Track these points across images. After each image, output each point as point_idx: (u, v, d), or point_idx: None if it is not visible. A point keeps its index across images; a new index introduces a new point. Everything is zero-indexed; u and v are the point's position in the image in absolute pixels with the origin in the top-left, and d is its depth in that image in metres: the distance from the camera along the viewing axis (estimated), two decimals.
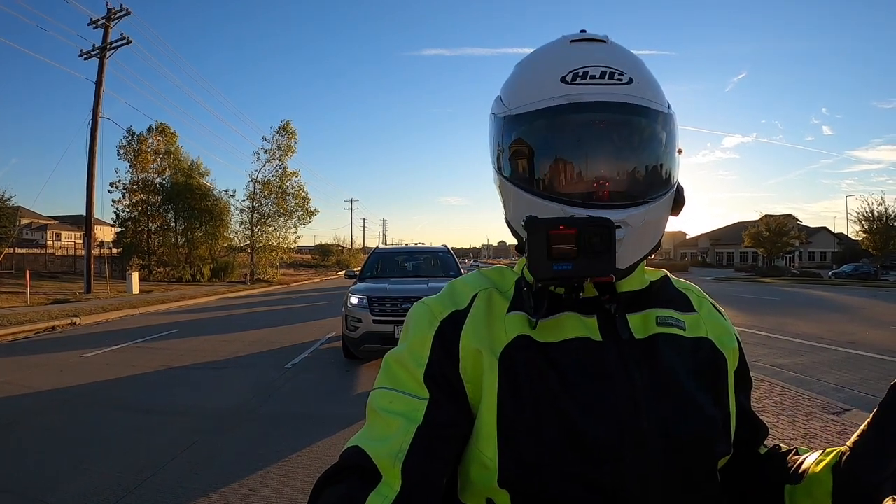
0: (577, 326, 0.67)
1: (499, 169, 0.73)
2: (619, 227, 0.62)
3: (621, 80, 0.66)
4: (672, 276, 0.81)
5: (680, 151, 0.71)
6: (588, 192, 0.65)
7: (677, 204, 0.72)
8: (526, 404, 0.63)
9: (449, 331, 0.67)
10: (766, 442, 0.80)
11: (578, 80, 0.65)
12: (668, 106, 0.70)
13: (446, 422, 0.64)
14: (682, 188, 0.72)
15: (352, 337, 6.98)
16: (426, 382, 0.65)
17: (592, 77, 0.65)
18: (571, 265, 0.59)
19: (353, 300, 7.09)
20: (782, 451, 0.75)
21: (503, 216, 0.78)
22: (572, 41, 0.69)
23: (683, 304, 0.75)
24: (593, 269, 0.59)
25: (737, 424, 0.74)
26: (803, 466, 0.68)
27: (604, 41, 0.69)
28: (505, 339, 0.66)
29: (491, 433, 0.63)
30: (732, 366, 0.75)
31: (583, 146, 0.66)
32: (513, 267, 0.79)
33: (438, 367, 0.65)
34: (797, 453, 0.72)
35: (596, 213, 0.62)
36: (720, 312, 0.80)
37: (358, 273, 8.91)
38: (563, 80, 0.66)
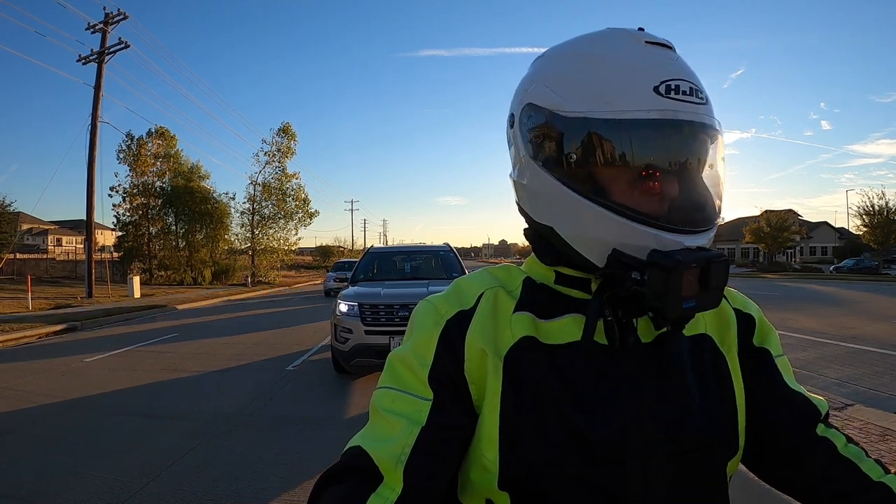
0: (582, 329, 0.66)
1: (559, 175, 0.64)
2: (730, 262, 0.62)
3: (702, 99, 0.62)
4: None
5: None
6: (679, 217, 0.61)
7: None
8: (529, 406, 0.62)
9: (454, 331, 0.66)
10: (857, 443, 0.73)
11: (672, 95, 0.60)
12: None
13: (449, 423, 0.63)
14: None
15: (341, 350, 6.12)
16: (430, 383, 0.64)
17: (684, 93, 0.61)
18: (695, 302, 0.58)
19: (343, 307, 6.23)
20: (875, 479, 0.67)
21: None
22: (647, 42, 0.63)
23: None
24: (709, 303, 0.60)
25: (763, 408, 0.71)
26: None
27: (672, 48, 0.65)
28: (511, 340, 0.65)
29: (493, 435, 0.63)
30: (733, 352, 0.72)
31: (675, 167, 0.62)
32: (519, 265, 0.78)
33: (443, 368, 0.65)
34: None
35: (688, 240, 0.60)
36: (724, 296, 0.76)
37: (350, 276, 7.92)
38: (656, 90, 0.60)
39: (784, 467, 0.71)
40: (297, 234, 35.72)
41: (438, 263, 8.24)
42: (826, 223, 68.34)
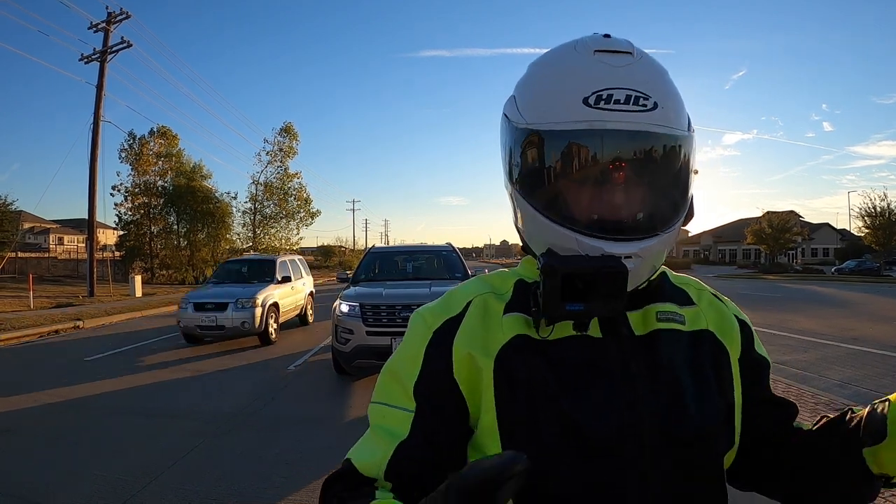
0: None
1: (511, 179, 0.71)
2: (629, 257, 0.62)
3: (646, 105, 0.63)
4: (670, 272, 0.80)
5: (696, 172, 0.69)
6: (603, 224, 0.64)
7: (687, 216, 0.70)
8: (523, 402, 0.64)
9: (441, 339, 0.69)
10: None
11: (602, 105, 0.62)
12: (689, 125, 0.68)
13: (434, 430, 0.66)
14: (692, 200, 0.70)
15: (342, 350, 6.07)
16: (415, 395, 0.68)
17: (616, 101, 0.62)
18: (583, 305, 0.60)
19: (344, 308, 6.16)
20: (833, 417, 0.70)
21: (510, 217, 0.77)
22: (596, 51, 0.65)
23: (682, 298, 0.75)
24: (604, 310, 0.61)
25: (756, 410, 0.74)
26: (875, 423, 0.61)
27: (630, 53, 0.65)
28: (502, 340, 0.67)
29: (493, 430, 0.65)
30: (735, 353, 0.74)
31: (602, 175, 0.63)
32: (516, 266, 0.80)
33: (430, 378, 0.68)
34: (853, 412, 0.66)
35: (610, 246, 0.62)
36: (722, 301, 0.79)
37: (351, 276, 7.79)
38: (585, 101, 0.62)
39: (762, 461, 0.75)
40: (298, 233, 35.78)
41: (441, 264, 8.14)
42: (828, 224, 68.27)
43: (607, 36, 0.67)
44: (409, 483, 0.64)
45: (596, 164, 0.63)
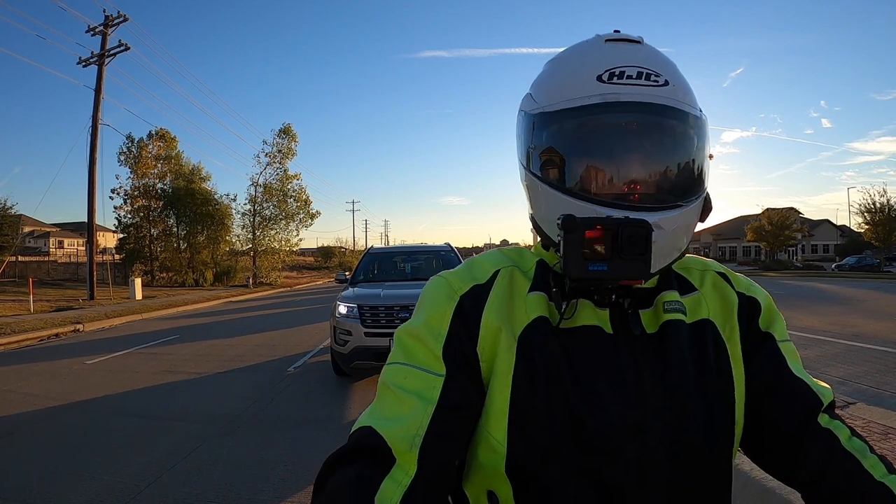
0: (590, 315, 0.67)
1: (528, 166, 0.71)
2: (652, 230, 0.61)
3: (657, 81, 0.65)
4: None
5: (711, 157, 0.70)
6: (622, 194, 0.64)
7: (704, 210, 0.70)
8: (539, 389, 0.63)
9: (469, 306, 0.67)
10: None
11: (615, 80, 0.64)
12: (701, 110, 0.69)
13: (462, 401, 0.63)
14: (709, 194, 0.71)
15: (341, 352, 6.05)
16: (444, 358, 0.64)
17: (629, 77, 0.64)
18: (606, 266, 0.59)
19: (342, 309, 6.16)
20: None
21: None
22: (607, 40, 0.68)
23: (684, 285, 0.74)
24: (628, 272, 0.60)
25: (764, 401, 0.68)
26: None
27: (639, 42, 0.68)
28: (525, 320, 0.66)
29: (502, 415, 0.63)
30: (735, 338, 0.71)
31: (618, 146, 0.65)
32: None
33: (457, 343, 0.65)
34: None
35: (631, 214, 0.61)
36: (729, 280, 0.76)
37: (349, 277, 7.77)
38: (599, 78, 0.65)
39: (783, 458, 0.68)
40: (298, 234, 35.79)
41: (439, 264, 8.13)
42: (828, 221, 68.14)
43: (617, 31, 0.70)
44: (434, 468, 0.59)
45: (612, 136, 0.65)
